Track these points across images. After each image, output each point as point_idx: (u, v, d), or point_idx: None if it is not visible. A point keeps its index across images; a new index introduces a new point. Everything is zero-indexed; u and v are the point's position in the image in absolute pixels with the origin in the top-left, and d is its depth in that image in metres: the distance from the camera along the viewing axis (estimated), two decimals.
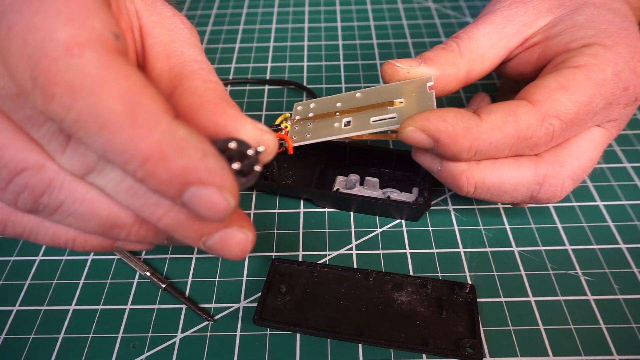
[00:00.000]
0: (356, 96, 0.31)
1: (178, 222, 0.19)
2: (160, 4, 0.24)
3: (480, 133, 0.26)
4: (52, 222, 0.21)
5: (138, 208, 0.19)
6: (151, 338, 0.28)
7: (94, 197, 0.20)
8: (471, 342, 0.26)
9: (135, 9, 0.23)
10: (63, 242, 0.22)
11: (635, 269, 0.30)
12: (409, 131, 0.27)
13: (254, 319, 0.28)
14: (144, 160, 0.16)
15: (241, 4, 0.58)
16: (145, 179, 0.16)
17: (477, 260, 0.31)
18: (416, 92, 0.29)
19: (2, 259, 0.32)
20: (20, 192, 0.19)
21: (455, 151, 0.26)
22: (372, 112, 0.30)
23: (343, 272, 0.30)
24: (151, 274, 0.30)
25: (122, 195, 0.19)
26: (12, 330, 0.28)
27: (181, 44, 0.23)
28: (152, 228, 0.21)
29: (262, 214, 0.34)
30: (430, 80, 0.29)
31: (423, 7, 0.56)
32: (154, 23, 0.23)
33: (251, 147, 0.19)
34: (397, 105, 0.29)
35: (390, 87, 0.30)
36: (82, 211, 0.20)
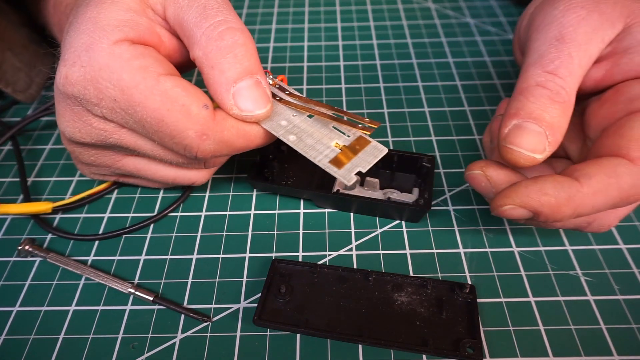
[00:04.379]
0: (306, 117, 0.29)
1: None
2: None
3: (583, 200, 0.25)
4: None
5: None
6: (151, 339, 0.28)
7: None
8: (471, 342, 0.26)
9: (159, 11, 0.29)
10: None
11: (635, 269, 0.30)
12: (507, 209, 0.26)
13: (254, 319, 0.28)
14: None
15: (241, 4, 0.58)
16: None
17: (477, 260, 0.31)
18: (363, 150, 0.28)
19: (2, 260, 0.32)
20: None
21: (557, 219, 0.25)
22: (319, 135, 0.28)
23: (343, 273, 0.30)
24: (135, 290, 0.30)
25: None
26: (12, 331, 0.28)
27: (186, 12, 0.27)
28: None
29: (262, 214, 0.34)
30: (383, 152, 0.28)
31: (423, 7, 0.56)
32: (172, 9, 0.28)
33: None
34: (335, 146, 0.28)
35: (341, 128, 0.29)
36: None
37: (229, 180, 0.37)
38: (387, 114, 0.42)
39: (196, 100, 0.26)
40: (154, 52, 0.27)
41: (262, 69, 0.28)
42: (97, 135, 0.29)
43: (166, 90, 0.26)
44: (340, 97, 0.44)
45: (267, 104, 0.27)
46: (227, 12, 0.27)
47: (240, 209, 0.35)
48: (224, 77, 0.26)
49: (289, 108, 0.29)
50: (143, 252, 0.32)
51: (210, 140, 0.27)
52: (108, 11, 0.27)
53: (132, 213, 0.35)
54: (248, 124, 0.28)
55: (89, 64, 0.26)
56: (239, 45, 0.26)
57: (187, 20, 0.27)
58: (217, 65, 0.26)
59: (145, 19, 0.28)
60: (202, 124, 0.26)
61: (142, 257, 0.32)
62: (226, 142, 0.27)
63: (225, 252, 0.32)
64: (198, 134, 0.26)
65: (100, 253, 0.32)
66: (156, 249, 0.32)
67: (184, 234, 0.33)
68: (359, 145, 0.28)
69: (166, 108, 0.26)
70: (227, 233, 0.33)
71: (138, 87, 0.26)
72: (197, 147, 0.27)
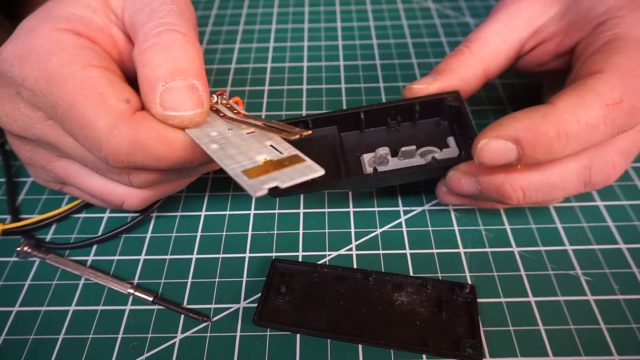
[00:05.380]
0: (243, 132, 0.26)
1: None
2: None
3: (561, 114, 0.25)
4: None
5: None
6: (151, 339, 0.28)
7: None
8: (471, 342, 0.26)
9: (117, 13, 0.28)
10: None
11: (635, 269, 0.30)
12: (484, 144, 0.25)
13: (254, 319, 0.28)
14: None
15: (241, 4, 0.58)
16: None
17: (477, 260, 0.31)
18: (292, 166, 0.24)
19: (2, 260, 0.32)
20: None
21: (544, 145, 0.25)
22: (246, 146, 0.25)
23: (343, 273, 0.30)
24: (135, 291, 0.30)
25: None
26: (12, 331, 0.28)
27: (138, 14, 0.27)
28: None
29: (262, 214, 0.34)
30: (317, 173, 0.23)
31: (423, 7, 0.56)
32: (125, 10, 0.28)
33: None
34: (261, 160, 0.24)
35: (279, 147, 0.25)
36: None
37: (229, 180, 0.37)
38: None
39: (118, 92, 0.25)
40: (98, 48, 0.27)
41: (204, 78, 0.26)
42: (22, 122, 0.27)
43: (89, 77, 0.24)
44: (340, 97, 0.44)
45: (197, 108, 0.25)
46: (176, 17, 0.26)
47: (240, 209, 0.35)
48: (154, 74, 0.24)
49: (226, 122, 0.27)
50: (143, 252, 0.32)
51: (122, 137, 0.24)
52: (66, 6, 0.27)
53: (132, 213, 0.35)
54: (171, 129, 0.25)
55: (24, 43, 0.26)
56: (177, 45, 0.25)
57: (136, 22, 0.26)
58: (149, 62, 0.25)
59: (103, 18, 0.27)
60: (115, 116, 0.24)
61: (141, 257, 0.32)
62: (141, 143, 0.24)
63: (225, 252, 0.32)
64: (108, 126, 0.24)
65: (100, 253, 0.32)
66: (156, 249, 0.32)
67: (183, 233, 0.33)
68: (289, 162, 0.24)
69: (82, 93, 0.24)
70: (226, 233, 0.33)
71: (61, 69, 0.24)
72: (106, 142, 0.24)
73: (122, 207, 0.30)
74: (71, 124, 0.25)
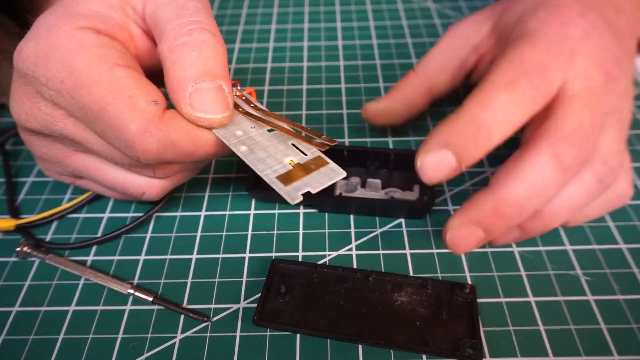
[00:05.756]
0: (265, 131, 0.28)
1: None
2: None
3: (470, 109, 0.26)
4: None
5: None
6: (151, 339, 0.28)
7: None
8: (471, 342, 0.26)
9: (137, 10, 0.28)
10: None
11: (635, 269, 0.30)
12: (421, 162, 0.26)
13: (254, 319, 0.28)
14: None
15: (241, 4, 0.58)
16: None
17: (477, 260, 0.31)
18: (318, 170, 0.26)
19: (2, 260, 0.32)
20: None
21: (471, 140, 0.26)
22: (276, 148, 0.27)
23: (343, 273, 0.30)
24: (134, 291, 0.29)
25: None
26: (11, 331, 0.28)
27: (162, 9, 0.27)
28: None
29: (262, 215, 0.34)
30: (340, 176, 0.26)
31: (423, 7, 0.56)
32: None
33: None
34: (289, 163, 0.26)
35: (300, 146, 0.27)
36: None
37: (228, 180, 0.37)
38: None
39: (146, 94, 0.25)
40: (119, 46, 0.27)
41: (229, 77, 0.27)
42: (43, 120, 0.27)
43: (116, 79, 0.25)
44: (340, 97, 0.44)
45: (225, 111, 0.26)
46: (204, 16, 0.27)
47: (240, 209, 0.35)
48: (183, 74, 0.25)
49: (248, 120, 0.28)
50: (142, 252, 0.32)
51: (154, 138, 0.25)
52: (84, 2, 0.27)
53: (132, 213, 0.35)
54: (199, 128, 0.26)
55: (45, 42, 0.26)
56: (208, 46, 0.25)
57: (162, 17, 0.27)
58: (179, 61, 0.25)
59: (121, 15, 0.27)
60: (146, 118, 0.25)
61: (141, 257, 0.32)
62: (172, 143, 0.25)
63: (224, 252, 0.32)
64: (140, 129, 0.25)
65: (100, 253, 0.32)
66: (156, 249, 0.32)
67: (183, 234, 0.33)
68: (315, 165, 0.26)
69: (112, 96, 0.24)
70: (226, 233, 0.33)
71: (88, 71, 0.25)
72: (138, 143, 0.25)
73: (141, 197, 0.31)
74: (102, 126, 0.25)
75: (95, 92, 0.25)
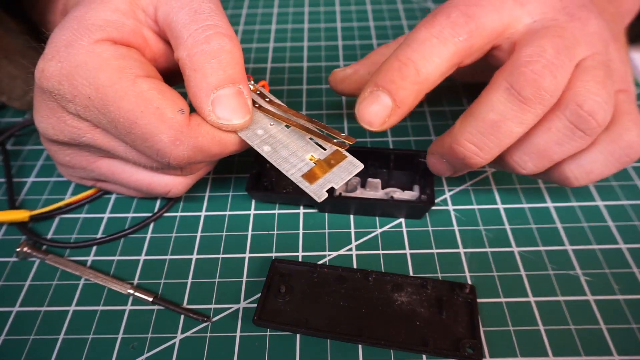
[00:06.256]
0: (283, 127, 0.28)
1: None
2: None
3: (397, 51, 0.27)
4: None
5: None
6: (151, 339, 0.28)
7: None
8: (471, 342, 0.26)
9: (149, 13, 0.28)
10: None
11: (635, 269, 0.30)
12: (357, 109, 0.28)
13: (254, 319, 0.28)
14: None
15: (241, 4, 0.58)
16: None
17: (477, 260, 0.31)
18: (338, 165, 0.27)
19: (2, 260, 0.32)
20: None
21: (397, 73, 0.27)
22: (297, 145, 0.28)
23: (343, 273, 0.30)
24: (134, 291, 0.30)
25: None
26: (12, 331, 0.28)
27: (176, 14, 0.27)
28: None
29: (262, 215, 0.34)
30: (358, 168, 0.27)
31: (423, 7, 0.56)
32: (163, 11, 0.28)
33: None
34: (310, 159, 0.27)
35: (318, 140, 0.28)
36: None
37: (229, 180, 0.37)
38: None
39: (172, 103, 0.26)
40: (136, 54, 0.27)
41: (246, 79, 0.27)
42: (70, 133, 0.28)
43: (141, 92, 0.25)
44: (340, 97, 0.44)
45: (246, 115, 0.27)
46: (219, 18, 0.27)
47: (240, 209, 0.35)
48: (205, 82, 0.26)
49: (266, 116, 0.28)
50: (143, 252, 0.32)
51: (184, 146, 0.26)
52: (95, 11, 0.27)
53: (132, 213, 0.35)
54: (224, 132, 0.27)
55: (67, 59, 0.26)
56: (226, 52, 0.26)
57: (177, 21, 0.27)
58: (200, 68, 0.26)
59: (133, 20, 0.28)
60: (176, 128, 0.26)
61: (141, 257, 0.32)
62: (200, 148, 0.27)
63: (224, 252, 0.32)
64: (171, 139, 0.26)
65: (100, 254, 0.32)
66: (156, 250, 0.32)
67: (183, 234, 0.33)
68: (335, 160, 0.27)
69: (140, 110, 0.25)
70: (226, 233, 0.33)
71: (113, 86, 0.25)
72: (170, 152, 0.26)
73: (167, 195, 0.32)
74: (133, 138, 0.26)
75: (124, 107, 0.25)
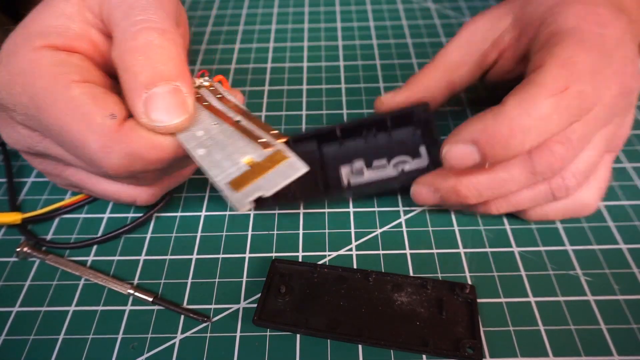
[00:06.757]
0: (227, 126, 0.26)
1: None
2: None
3: (510, 111, 0.26)
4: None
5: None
6: (151, 339, 0.28)
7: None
8: (471, 342, 0.26)
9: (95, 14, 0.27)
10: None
11: (635, 269, 0.30)
12: (446, 151, 0.27)
13: (254, 319, 0.28)
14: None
15: (241, 4, 0.58)
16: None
17: (477, 260, 0.31)
18: (275, 168, 0.24)
19: (2, 260, 0.32)
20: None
21: (501, 143, 0.26)
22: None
23: (343, 273, 0.30)
24: (134, 291, 0.29)
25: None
26: (12, 331, 0.28)
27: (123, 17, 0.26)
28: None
29: (262, 215, 0.34)
30: (299, 172, 0.24)
31: (423, 7, 0.56)
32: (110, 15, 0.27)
33: None
34: (246, 162, 0.24)
35: (254, 141, 0.25)
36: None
37: None
38: None
39: (103, 109, 0.24)
40: (78, 60, 0.26)
41: (186, 74, 0.25)
42: (25, 142, 0.28)
43: (72, 97, 0.24)
44: (340, 97, 0.44)
45: (182, 115, 0.25)
46: (152, 12, 0.25)
47: None
48: (135, 81, 0.24)
49: (211, 116, 0.26)
50: (143, 252, 0.32)
51: (116, 153, 0.24)
52: (40, 17, 0.26)
53: (132, 213, 0.35)
54: (161, 135, 0.25)
55: (7, 68, 0.25)
56: (154, 47, 0.24)
57: (113, 19, 0.26)
58: (129, 67, 0.24)
59: (79, 23, 0.27)
60: (104, 134, 0.24)
61: (141, 257, 0.32)
62: (135, 154, 0.25)
63: (224, 252, 0.32)
64: (100, 145, 0.24)
65: (100, 254, 0.32)
66: (156, 250, 0.32)
67: (183, 234, 0.33)
68: (272, 162, 0.24)
69: (69, 116, 0.24)
70: (226, 233, 0.33)
71: (46, 93, 0.24)
72: (101, 160, 0.25)
73: (135, 204, 0.31)
74: (67, 147, 0.25)
75: (54, 113, 0.24)
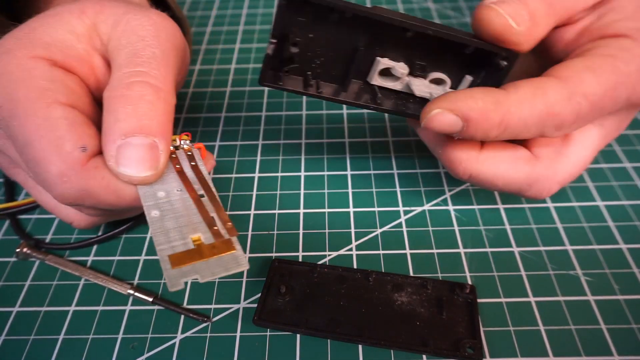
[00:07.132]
0: (188, 197, 0.25)
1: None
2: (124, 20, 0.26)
3: (510, 106, 0.25)
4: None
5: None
6: (151, 339, 0.28)
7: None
8: (471, 342, 0.26)
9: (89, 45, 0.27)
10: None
11: (635, 269, 0.30)
12: (435, 114, 0.26)
13: (254, 319, 0.28)
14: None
15: (241, 4, 0.58)
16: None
17: (477, 260, 0.31)
18: (219, 256, 0.23)
19: (2, 260, 0.32)
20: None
21: (485, 129, 0.26)
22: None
23: (343, 273, 0.30)
24: (134, 291, 0.30)
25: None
26: (12, 331, 0.28)
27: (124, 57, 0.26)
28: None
29: (262, 215, 0.34)
30: (240, 268, 0.23)
31: (423, 7, 0.56)
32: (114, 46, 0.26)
33: None
34: (193, 240, 0.23)
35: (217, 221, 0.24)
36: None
37: (228, 180, 0.37)
38: (387, 114, 0.42)
39: (77, 138, 0.24)
40: (72, 82, 0.26)
41: (168, 135, 0.25)
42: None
43: (50, 117, 0.24)
44: None
45: (149, 171, 0.24)
46: (155, 66, 0.25)
47: (240, 209, 0.35)
48: (115, 125, 0.24)
49: (178, 181, 0.26)
50: (143, 252, 0.32)
51: (71, 184, 0.24)
52: (49, 26, 0.26)
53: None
54: (122, 182, 0.25)
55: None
56: (146, 102, 0.24)
57: (116, 59, 0.26)
58: (114, 112, 0.24)
59: (85, 45, 0.26)
60: (67, 163, 0.24)
61: (141, 257, 0.32)
62: (90, 192, 0.24)
63: None
64: (59, 172, 0.24)
65: (100, 254, 0.32)
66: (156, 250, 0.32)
67: None
68: (218, 250, 0.23)
69: (40, 134, 0.24)
70: None
71: (26, 103, 0.24)
72: (54, 186, 0.24)
73: (71, 225, 0.30)
74: (26, 159, 0.25)
75: (26, 125, 0.24)
